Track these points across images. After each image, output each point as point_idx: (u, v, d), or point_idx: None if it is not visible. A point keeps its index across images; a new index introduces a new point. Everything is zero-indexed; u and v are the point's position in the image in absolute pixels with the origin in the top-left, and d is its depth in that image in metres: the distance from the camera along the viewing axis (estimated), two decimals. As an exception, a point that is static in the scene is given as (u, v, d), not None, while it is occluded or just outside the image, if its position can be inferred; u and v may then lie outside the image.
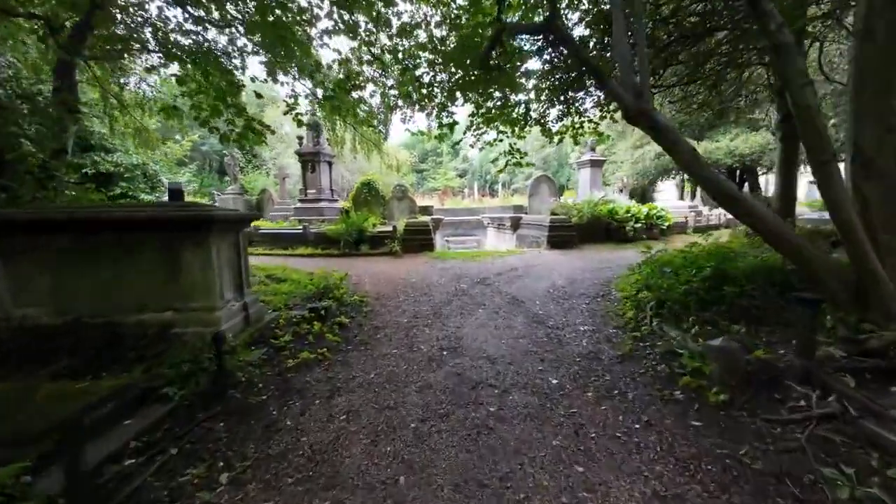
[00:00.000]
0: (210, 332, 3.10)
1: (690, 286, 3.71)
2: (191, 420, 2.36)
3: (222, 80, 4.30)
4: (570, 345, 3.66)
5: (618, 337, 3.77)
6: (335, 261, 8.92)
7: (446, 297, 5.52)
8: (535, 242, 10.59)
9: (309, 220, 11.58)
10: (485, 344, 3.77)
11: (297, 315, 4.20)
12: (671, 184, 25.67)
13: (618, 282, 6.04)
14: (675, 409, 2.43)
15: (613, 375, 2.96)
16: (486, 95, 5.68)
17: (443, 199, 24.05)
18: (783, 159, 5.80)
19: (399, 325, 4.37)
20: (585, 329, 4.07)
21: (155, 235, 3.11)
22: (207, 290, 3.18)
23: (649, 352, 3.26)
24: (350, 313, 4.80)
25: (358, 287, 6.23)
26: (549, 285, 6.06)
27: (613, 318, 4.37)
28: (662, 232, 11.38)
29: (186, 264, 3.14)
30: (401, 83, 5.65)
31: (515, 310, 4.87)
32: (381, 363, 3.37)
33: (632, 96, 2.80)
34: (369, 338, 4.00)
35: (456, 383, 2.97)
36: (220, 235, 3.31)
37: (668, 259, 4.77)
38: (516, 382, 2.95)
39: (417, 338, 3.98)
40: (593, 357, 3.33)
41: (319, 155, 12.47)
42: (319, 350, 3.49)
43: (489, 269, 7.42)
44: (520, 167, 6.05)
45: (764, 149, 15.20)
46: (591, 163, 13.15)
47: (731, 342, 2.51)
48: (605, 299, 5.23)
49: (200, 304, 3.18)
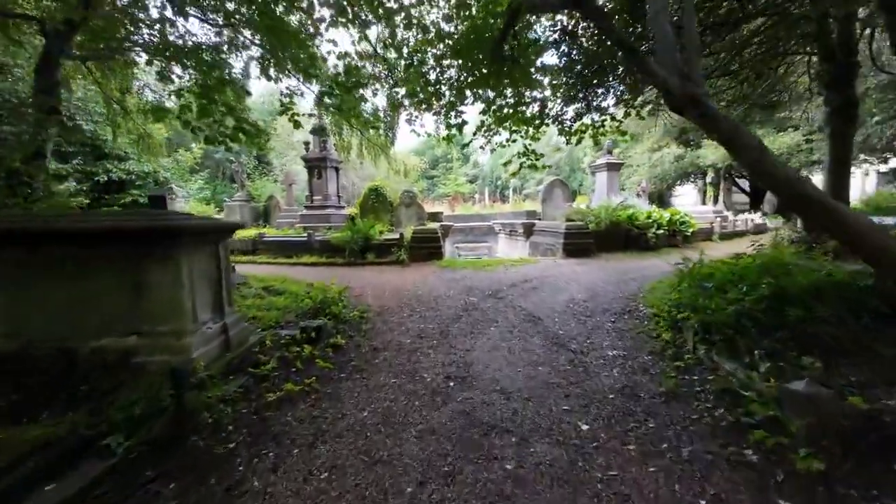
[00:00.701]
0: (179, 360, 2.67)
1: (742, 306, 3.12)
2: (134, 480, 1.91)
3: (208, 76, 3.94)
4: (599, 375, 3.11)
5: (656, 366, 3.20)
6: (340, 270, 8.52)
7: (455, 312, 5.02)
8: (549, 250, 10.01)
9: (315, 227, 11.25)
10: (498, 372, 3.25)
11: (287, 335, 3.75)
12: (690, 188, 24.78)
13: (645, 296, 5.44)
14: (750, 476, 1.86)
15: (658, 421, 2.40)
16: (498, 93, 5.22)
17: (453, 205, 23.63)
18: (833, 157, 5.16)
19: (401, 347, 3.88)
20: (615, 354, 3.51)
21: (117, 249, 2.70)
22: (176, 311, 2.75)
23: (699, 389, 2.69)
24: (348, 332, 4.33)
25: (360, 300, 5.78)
26: (567, 299, 5.50)
27: (647, 341, 3.80)
28: (686, 239, 10.67)
29: (152, 282, 2.72)
30: (406, 81, 5.23)
31: (532, 329, 4.33)
32: (377, 396, 2.88)
33: (677, 79, 2.29)
34: (366, 363, 3.52)
35: (464, 426, 2.46)
36: (194, 248, 2.89)
37: (707, 272, 4.17)
38: (537, 427, 2.43)
39: (421, 363, 3.48)
40: (629, 394, 2.77)
41: (326, 160, 12.17)
42: (307, 380, 3.02)
43: (501, 279, 6.89)
44: (534, 170, 5.54)
45: (793, 150, 14.34)
46: (608, 166, 12.53)
47: (819, 387, 1.95)
48: (633, 316, 4.65)
49: (168, 328, 2.75)
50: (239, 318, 3.41)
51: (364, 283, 6.86)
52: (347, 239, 9.19)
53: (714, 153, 15.43)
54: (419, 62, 4.99)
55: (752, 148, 2.16)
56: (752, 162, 2.18)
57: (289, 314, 4.70)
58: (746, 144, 2.16)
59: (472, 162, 51.36)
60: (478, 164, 51.62)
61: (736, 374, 2.53)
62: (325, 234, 10.14)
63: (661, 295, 5.08)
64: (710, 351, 2.94)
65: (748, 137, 2.22)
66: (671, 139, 17.64)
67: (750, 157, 2.17)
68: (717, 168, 16.22)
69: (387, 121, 7.56)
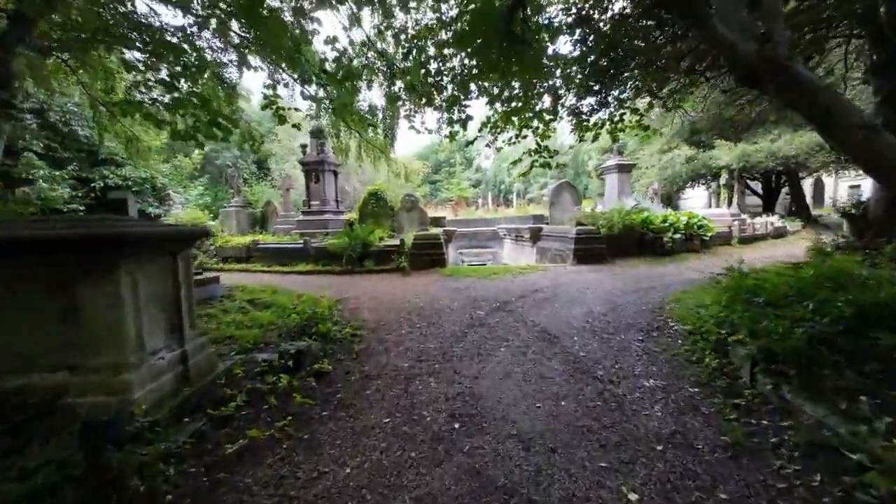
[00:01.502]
0: (116, 401, 2.14)
1: (812, 328, 2.55)
2: None
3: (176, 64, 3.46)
4: (639, 415, 2.53)
5: (706, 402, 2.62)
6: (336, 279, 8.00)
7: (459, 328, 4.46)
8: (558, 256, 9.44)
9: (312, 233, 10.77)
10: (512, 409, 2.68)
11: (264, 361, 3.21)
12: (700, 190, 24.08)
13: (672, 308, 4.86)
14: None
15: (731, 489, 1.82)
16: (506, 84, 4.70)
17: (456, 209, 23.09)
18: (886, 153, 4.56)
19: (397, 374, 3.32)
20: (653, 385, 2.93)
21: (42, 263, 2.18)
22: (116, 339, 2.22)
23: (775, 440, 2.10)
24: (337, 354, 3.79)
25: (355, 313, 5.24)
26: (585, 312, 4.93)
27: (686, 367, 3.22)
28: (704, 243, 10.05)
29: (86, 303, 2.20)
30: (403, 72, 4.73)
31: (548, 349, 3.76)
32: (365, 444, 2.32)
33: (752, 42, 1.74)
34: (355, 395, 2.96)
35: (473, 492, 1.90)
36: (142, 260, 2.37)
37: (752, 283, 3.59)
38: (570, 495, 1.85)
39: (420, 395, 2.92)
40: (683, 443, 2.19)
41: (324, 164, 11.71)
42: (280, 422, 2.47)
43: (509, 289, 6.32)
44: (547, 169, 5.00)
45: (811, 150, 13.69)
46: (619, 167, 11.97)
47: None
48: (664, 334, 4.07)
49: (105, 361, 2.22)
50: (203, 344, 2.87)
51: (360, 294, 6.32)
52: (345, 245, 8.68)
53: (728, 154, 14.82)
54: (419, 50, 4.48)
55: (856, 126, 1.61)
56: (858, 143, 1.63)
57: (272, 332, 4.18)
58: (848, 121, 1.62)
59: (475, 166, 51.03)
60: (481, 169, 51.29)
61: (827, 424, 1.95)
62: (322, 241, 9.64)
63: (692, 307, 4.50)
64: (780, 386, 2.36)
65: (852, 111, 1.67)
66: (681, 140, 17.06)
67: (854, 137, 1.62)
68: (731, 169, 15.60)
69: (386, 121, 7.10)
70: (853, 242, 4.66)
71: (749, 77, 1.81)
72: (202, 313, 4.67)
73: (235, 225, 12.70)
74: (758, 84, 1.81)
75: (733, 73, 1.92)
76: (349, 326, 4.53)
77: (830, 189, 30.23)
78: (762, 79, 1.78)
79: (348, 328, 4.46)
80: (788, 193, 19.88)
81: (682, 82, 4.65)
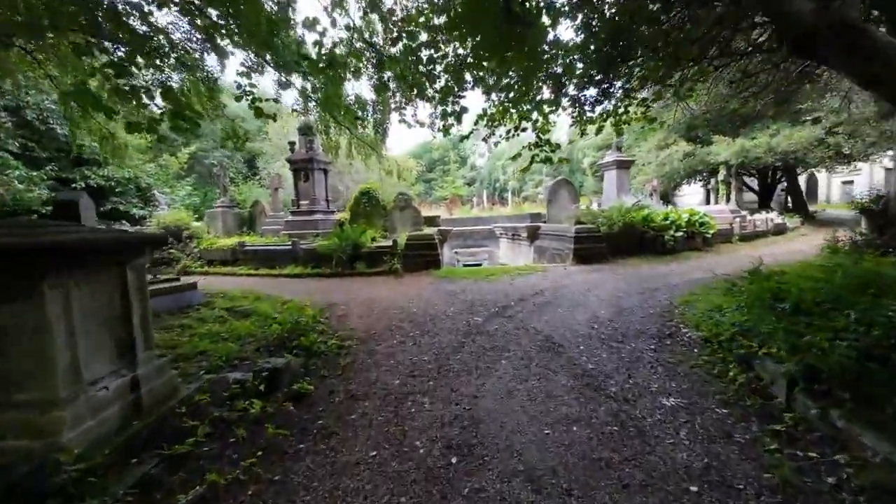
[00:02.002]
0: (41, 446, 1.76)
1: (857, 342, 2.24)
2: None
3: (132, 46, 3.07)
4: (663, 443, 2.20)
5: (737, 425, 2.30)
6: (325, 283, 7.61)
7: (456, 337, 4.12)
8: (556, 255, 9.14)
9: (302, 234, 10.35)
10: (517, 436, 2.35)
11: (235, 381, 2.84)
12: (696, 187, 23.94)
13: (682, 312, 4.56)
14: None
15: (788, 547, 1.50)
16: (502, 73, 4.35)
17: (451, 208, 22.76)
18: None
19: (387, 393, 2.97)
20: (674, 405, 2.61)
21: (-52, 279, 1.80)
22: (43, 370, 1.84)
23: (832, 479, 1.78)
24: (321, 370, 3.42)
25: (342, 321, 4.87)
26: (589, 317, 4.61)
27: (708, 381, 2.90)
28: (706, 241, 9.81)
29: (7, 327, 1.82)
30: (393, 60, 4.36)
31: (553, 361, 3.43)
32: (347, 487, 1.97)
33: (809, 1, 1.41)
34: (338, 421, 2.60)
35: (476, 553, 1.55)
36: (77, 275, 1.99)
37: (776, 286, 3.28)
38: (593, 556, 1.52)
39: (412, 420, 2.58)
40: (720, 482, 1.87)
41: (313, 161, 11.28)
42: (247, 461, 2.10)
43: (508, 292, 6.00)
44: (549, 164, 4.67)
45: (810, 144, 13.51)
46: (618, 164, 11.68)
47: None
48: (677, 342, 3.76)
49: (30, 397, 1.84)
50: (161, 366, 2.49)
51: (350, 299, 5.95)
52: (335, 247, 8.29)
53: (726, 149, 14.60)
54: (409, 35, 4.11)
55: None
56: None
57: (250, 345, 3.79)
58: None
59: (469, 164, 50.71)
60: (475, 167, 51.00)
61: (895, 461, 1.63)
62: (311, 242, 9.24)
63: (705, 312, 4.20)
64: (827, 411, 2.04)
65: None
66: (679, 136, 16.83)
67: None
68: (730, 165, 15.39)
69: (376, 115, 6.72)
70: (872, 239, 4.39)
71: (804, 45, 1.49)
72: (175, 324, 4.28)
73: (222, 226, 12.23)
74: (816, 53, 1.50)
75: (788, 41, 1.59)
76: (335, 337, 4.17)
77: (824, 184, 30.36)
78: (821, 45, 1.46)
79: (334, 339, 4.10)
80: (783, 189, 19.77)
81: (692, 69, 4.34)
